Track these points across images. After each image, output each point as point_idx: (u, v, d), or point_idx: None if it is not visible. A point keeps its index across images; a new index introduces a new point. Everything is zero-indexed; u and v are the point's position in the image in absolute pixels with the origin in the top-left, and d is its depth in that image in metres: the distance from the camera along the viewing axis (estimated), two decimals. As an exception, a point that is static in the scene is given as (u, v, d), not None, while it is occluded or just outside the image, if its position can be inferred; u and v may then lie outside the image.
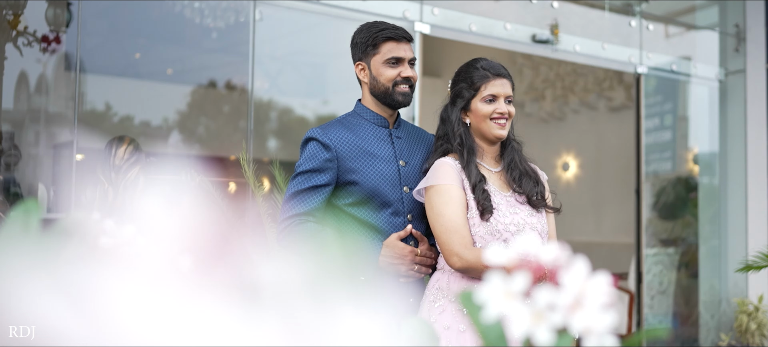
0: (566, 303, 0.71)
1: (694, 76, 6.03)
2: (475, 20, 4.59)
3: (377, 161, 2.30)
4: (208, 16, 5.69)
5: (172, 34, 5.82)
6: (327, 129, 2.29)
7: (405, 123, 2.47)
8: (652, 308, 5.58)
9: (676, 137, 6.10)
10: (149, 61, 6.28)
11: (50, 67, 5.53)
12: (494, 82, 2.27)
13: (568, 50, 5.04)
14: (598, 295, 0.72)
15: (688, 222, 6.10)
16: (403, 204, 2.31)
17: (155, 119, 6.61)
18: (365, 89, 2.39)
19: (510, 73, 2.33)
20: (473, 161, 2.25)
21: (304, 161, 2.26)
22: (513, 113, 2.30)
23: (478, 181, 2.20)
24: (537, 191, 2.29)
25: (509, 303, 0.71)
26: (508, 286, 0.72)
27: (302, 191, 2.23)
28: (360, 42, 2.35)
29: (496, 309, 0.71)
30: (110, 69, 6.17)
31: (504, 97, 2.27)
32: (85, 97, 6.07)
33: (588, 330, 0.71)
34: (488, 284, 0.73)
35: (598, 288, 0.72)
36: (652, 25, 5.57)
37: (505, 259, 0.76)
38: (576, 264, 0.73)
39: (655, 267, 5.66)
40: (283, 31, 4.80)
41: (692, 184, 6.22)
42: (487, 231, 2.16)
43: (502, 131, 2.26)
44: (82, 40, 5.69)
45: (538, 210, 2.28)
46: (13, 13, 4.51)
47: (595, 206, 8.00)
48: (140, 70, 6.32)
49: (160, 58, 6.28)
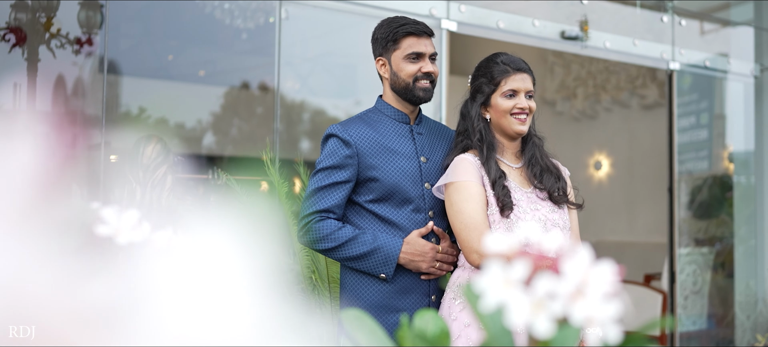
0: (567, 291, 0.68)
1: (730, 72, 5.91)
2: (503, 17, 4.55)
3: (398, 157, 2.28)
4: (238, 16, 5.73)
5: (203, 35, 5.87)
6: (347, 125, 2.29)
7: (426, 119, 2.45)
8: (686, 308, 5.48)
9: (712, 136, 5.98)
10: (182, 63, 6.35)
11: (87, 70, 5.62)
12: (514, 77, 2.24)
13: (598, 47, 4.97)
14: (601, 284, 0.70)
15: (723, 222, 5.98)
16: (424, 201, 2.29)
17: (189, 121, 6.68)
18: (386, 85, 2.38)
19: (531, 68, 2.30)
20: (493, 157, 2.22)
21: (325, 157, 2.25)
22: (534, 108, 2.27)
23: (498, 177, 2.18)
24: (558, 187, 2.25)
25: (508, 291, 0.69)
26: (508, 274, 0.70)
27: (323, 187, 2.23)
28: (380, 37, 2.34)
29: (495, 297, 0.69)
30: (144, 71, 6.25)
31: (524, 92, 2.24)
32: (120, 99, 6.15)
33: (590, 320, 0.68)
34: (487, 272, 0.71)
35: (602, 276, 0.70)
36: (685, 21, 5.47)
37: (505, 247, 0.74)
38: (579, 252, 0.71)
39: (689, 267, 5.56)
40: (312, 32, 4.81)
41: (728, 183, 6.10)
42: (507, 228, 2.13)
43: (522, 127, 2.23)
44: (116, 43, 5.78)
45: (560, 206, 2.25)
46: (46, 16, 4.58)
47: (628, 206, 7.89)
48: (173, 72, 6.39)
49: (192, 60, 6.34)
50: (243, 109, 6.43)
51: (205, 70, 6.49)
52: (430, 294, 2.28)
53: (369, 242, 2.19)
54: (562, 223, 2.21)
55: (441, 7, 4.38)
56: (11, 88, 4.68)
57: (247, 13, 5.55)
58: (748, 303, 5.83)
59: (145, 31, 6.04)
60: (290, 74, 5.26)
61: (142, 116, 6.36)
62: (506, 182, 2.19)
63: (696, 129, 5.92)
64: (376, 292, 2.23)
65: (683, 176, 5.77)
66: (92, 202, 0.87)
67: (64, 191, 0.68)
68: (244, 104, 6.38)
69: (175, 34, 5.90)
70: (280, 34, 4.14)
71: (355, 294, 2.26)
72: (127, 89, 6.13)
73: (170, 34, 5.91)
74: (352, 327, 0.82)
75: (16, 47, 4.50)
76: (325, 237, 2.20)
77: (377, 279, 2.23)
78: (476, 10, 4.48)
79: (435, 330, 0.84)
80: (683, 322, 5.47)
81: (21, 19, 4.51)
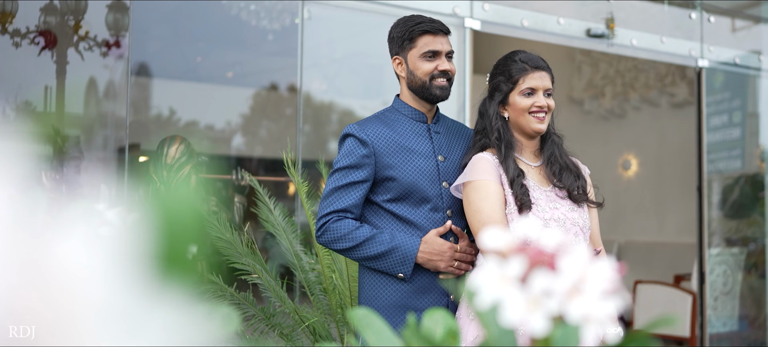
0: (564, 288, 0.67)
1: (762, 69, 5.81)
2: (528, 16, 4.52)
3: (415, 156, 2.27)
4: (263, 17, 5.76)
5: (230, 37, 5.91)
6: (364, 125, 2.28)
7: (444, 118, 2.44)
8: (716, 310, 5.39)
9: (745, 135, 5.88)
10: (210, 65, 6.40)
11: (118, 73, 5.69)
12: (533, 75, 2.22)
13: (625, 44, 4.91)
14: (599, 281, 0.68)
15: (755, 221, 5.88)
16: (442, 200, 2.28)
17: (219, 123, 6.74)
18: (403, 84, 2.37)
19: (549, 66, 2.27)
20: (511, 155, 2.21)
21: (342, 157, 2.25)
22: (552, 107, 2.25)
23: (517, 176, 2.16)
24: (578, 185, 2.23)
25: (504, 288, 0.68)
26: (504, 271, 0.69)
27: (340, 187, 2.22)
28: (396, 36, 2.33)
29: (491, 294, 0.68)
30: (173, 73, 6.31)
31: (543, 90, 2.22)
32: (150, 101, 6.23)
33: (586, 318, 0.67)
34: (483, 269, 0.70)
35: (600, 273, 0.68)
36: (714, 18, 5.38)
37: (503, 243, 0.73)
38: (576, 248, 0.70)
39: (719, 268, 5.47)
40: (338, 33, 4.82)
41: (761, 182, 6.00)
42: None
43: (541, 125, 2.21)
44: (145, 46, 5.84)
45: (580, 205, 2.22)
46: (75, 19, 4.64)
47: (658, 206, 7.79)
48: (201, 73, 6.44)
49: (220, 62, 6.39)
50: (272, 110, 6.46)
51: (232, 71, 6.54)
52: (448, 294, 2.27)
53: (387, 241, 2.19)
54: (582, 222, 2.19)
55: (464, 6, 4.36)
56: (42, 90, 4.75)
57: (272, 14, 5.57)
58: (780, 304, 5.72)
59: (173, 34, 6.10)
60: (316, 75, 5.27)
61: (172, 118, 6.43)
62: (525, 180, 2.18)
63: (728, 128, 5.83)
64: (394, 292, 2.22)
65: (715, 176, 5.68)
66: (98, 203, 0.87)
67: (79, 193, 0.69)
68: (272, 105, 6.42)
69: (202, 36, 5.95)
70: (302, 35, 4.15)
71: (374, 294, 2.25)
72: (157, 91, 6.20)
73: (198, 36, 5.96)
74: (361, 325, 0.81)
75: (46, 50, 4.56)
76: (343, 237, 2.19)
77: (395, 278, 2.22)
78: (500, 9, 4.45)
79: (443, 330, 0.83)
80: (713, 323, 5.38)
81: (50, 23, 4.58)
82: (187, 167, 3.55)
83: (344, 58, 5.21)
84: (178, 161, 3.53)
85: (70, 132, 4.99)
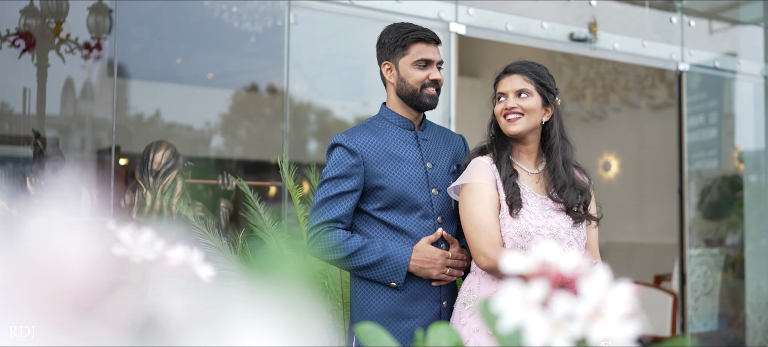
0: (586, 312, 0.68)
1: (739, 72, 5.88)
2: (512, 20, 4.54)
3: (404, 164, 2.27)
4: (246, 20, 5.73)
5: (211, 38, 5.88)
6: (352, 134, 2.28)
7: (431, 124, 2.45)
8: (697, 310, 5.46)
9: (721, 135, 5.96)
10: (190, 66, 6.36)
11: (95, 74, 5.63)
12: (503, 81, 2.27)
13: (607, 48, 4.95)
14: (619, 304, 0.69)
15: (733, 222, 5.95)
16: (432, 207, 2.28)
17: (197, 123, 6.70)
18: (391, 91, 2.36)
19: (528, 67, 2.27)
20: (504, 156, 2.23)
21: (331, 167, 2.24)
22: (526, 108, 2.22)
23: (509, 175, 2.18)
24: (580, 202, 2.22)
25: (526, 312, 0.69)
26: (526, 294, 0.70)
27: (330, 198, 2.22)
28: (388, 42, 2.33)
29: (513, 318, 0.69)
30: (153, 75, 6.26)
31: (512, 93, 2.23)
32: (129, 102, 6.17)
33: (608, 340, 0.68)
34: (505, 292, 0.71)
35: (620, 296, 0.69)
36: (694, 21, 5.45)
37: (523, 266, 0.73)
38: (597, 271, 0.71)
39: (699, 268, 5.54)
40: (320, 34, 4.81)
41: (738, 183, 6.08)
42: (517, 232, 2.12)
43: (511, 127, 2.22)
44: (125, 47, 5.79)
45: (579, 220, 2.21)
46: (56, 21, 4.59)
47: (638, 207, 7.87)
48: (182, 75, 6.40)
49: (200, 63, 6.35)
50: (252, 111, 6.44)
51: (213, 72, 6.50)
52: (441, 300, 2.27)
53: (378, 250, 2.19)
54: (576, 234, 2.19)
55: (449, 10, 4.37)
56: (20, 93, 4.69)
57: (254, 16, 5.55)
58: (759, 304, 5.80)
59: (155, 35, 6.06)
60: (298, 76, 5.27)
61: (156, 118, 6.39)
62: (518, 181, 2.19)
63: (705, 128, 5.90)
64: (387, 300, 2.23)
65: (693, 176, 5.75)
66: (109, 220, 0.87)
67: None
68: (252, 106, 6.40)
69: (183, 37, 5.92)
70: (289, 38, 4.14)
71: (366, 302, 2.25)
72: (136, 92, 6.15)
73: (179, 37, 5.92)
74: (367, 340, 0.81)
75: (26, 53, 4.51)
76: (335, 248, 2.19)
77: (388, 287, 2.23)
78: (485, 13, 4.47)
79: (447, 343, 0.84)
80: (694, 324, 5.44)
81: (31, 25, 4.52)
82: (173, 172, 3.53)
83: (324, 59, 5.21)
84: (164, 167, 3.51)
85: (50, 134, 4.94)
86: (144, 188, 3.48)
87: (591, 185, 2.33)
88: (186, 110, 6.45)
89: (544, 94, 2.25)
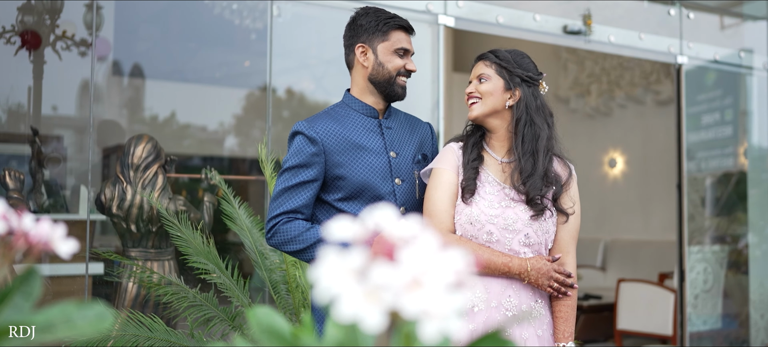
0: (401, 281, 0.63)
1: (743, 66, 5.77)
2: (503, 12, 4.47)
3: (366, 153, 2.22)
4: (246, 17, 5.73)
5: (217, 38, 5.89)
6: (313, 122, 2.22)
7: (396, 112, 2.39)
8: (696, 308, 5.35)
9: (737, 132, 5.85)
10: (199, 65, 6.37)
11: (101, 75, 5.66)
12: (473, 68, 2.26)
13: (602, 41, 4.86)
14: (442, 274, 0.64)
15: (737, 219, 5.84)
16: (395, 197, 2.23)
17: (211, 124, 6.72)
18: (361, 75, 2.29)
19: (493, 53, 2.22)
20: (471, 142, 2.20)
21: (291, 156, 2.20)
22: (483, 91, 2.17)
23: (470, 160, 2.14)
24: (542, 193, 2.11)
25: (341, 280, 0.64)
26: (344, 262, 0.65)
27: (289, 188, 2.17)
28: (366, 24, 2.26)
29: (328, 287, 0.65)
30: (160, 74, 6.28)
31: (475, 79, 2.22)
32: (139, 102, 6.21)
33: (426, 313, 0.63)
34: (323, 261, 0.66)
35: (444, 266, 0.64)
36: (693, 14, 5.35)
37: (350, 234, 0.69)
38: (422, 237, 0.66)
39: (699, 265, 5.44)
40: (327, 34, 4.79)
41: (744, 179, 5.97)
42: (468, 219, 2.08)
43: (470, 112, 2.20)
44: (134, 47, 5.82)
45: (540, 213, 2.11)
46: (51, 19, 4.61)
47: (643, 204, 7.77)
48: (189, 75, 6.42)
49: (210, 63, 6.36)
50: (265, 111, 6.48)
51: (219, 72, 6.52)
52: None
53: None
54: (537, 227, 2.10)
55: (438, 3, 4.32)
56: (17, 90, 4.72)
57: (255, 13, 5.55)
58: (762, 302, 5.68)
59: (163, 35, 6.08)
60: (306, 75, 5.24)
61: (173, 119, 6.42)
62: (481, 168, 2.14)
63: (720, 126, 5.79)
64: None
65: (706, 174, 5.66)
66: None
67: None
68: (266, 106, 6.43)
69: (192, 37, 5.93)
70: (271, 33, 4.11)
71: None
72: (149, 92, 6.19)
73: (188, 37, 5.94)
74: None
75: (23, 50, 4.53)
76: (293, 239, 2.14)
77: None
78: (475, 5, 4.41)
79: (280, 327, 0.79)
80: (693, 322, 5.34)
81: (27, 22, 4.54)
82: (154, 166, 3.51)
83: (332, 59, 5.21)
84: (145, 161, 3.49)
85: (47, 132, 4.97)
86: (124, 182, 3.47)
87: (571, 177, 2.21)
88: (198, 110, 6.50)
89: (504, 77, 2.17)
